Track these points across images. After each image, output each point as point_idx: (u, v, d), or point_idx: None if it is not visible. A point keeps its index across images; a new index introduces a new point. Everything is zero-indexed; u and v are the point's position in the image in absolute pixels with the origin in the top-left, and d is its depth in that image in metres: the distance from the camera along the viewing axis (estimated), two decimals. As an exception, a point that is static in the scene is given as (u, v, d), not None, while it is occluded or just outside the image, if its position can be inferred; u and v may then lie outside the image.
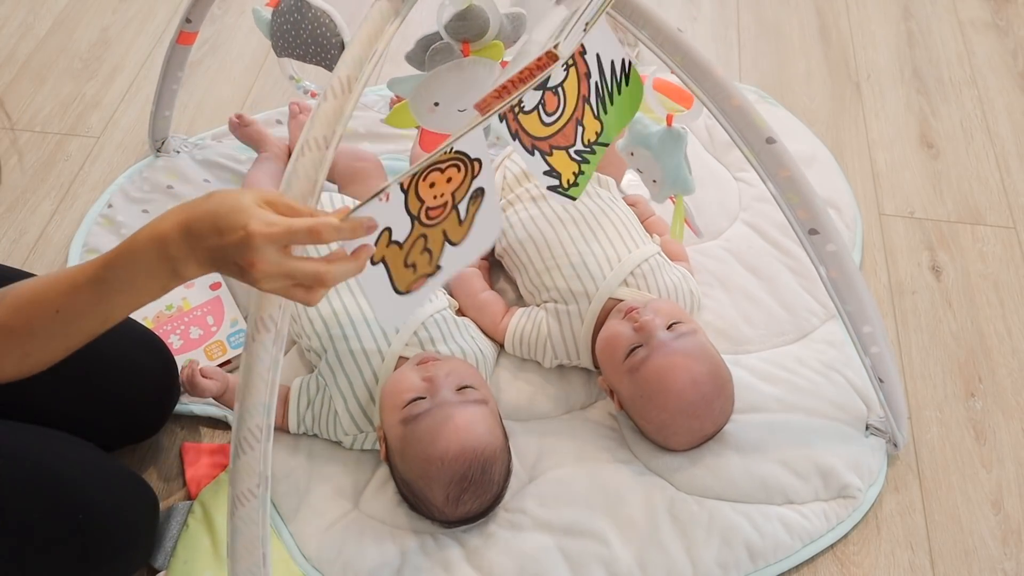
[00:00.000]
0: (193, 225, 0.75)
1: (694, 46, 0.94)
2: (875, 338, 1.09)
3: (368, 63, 0.82)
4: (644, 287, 1.24)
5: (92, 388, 1.08)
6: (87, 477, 1.00)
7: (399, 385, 1.11)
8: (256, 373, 0.81)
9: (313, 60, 1.15)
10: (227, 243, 0.73)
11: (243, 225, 0.73)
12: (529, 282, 1.30)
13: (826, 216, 1.01)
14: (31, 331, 0.81)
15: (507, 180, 1.37)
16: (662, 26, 0.94)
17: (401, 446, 1.10)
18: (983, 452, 1.25)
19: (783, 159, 0.97)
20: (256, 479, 0.82)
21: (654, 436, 1.19)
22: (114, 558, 1.01)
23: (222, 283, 1.37)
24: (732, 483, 1.16)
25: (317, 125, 0.80)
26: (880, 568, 1.14)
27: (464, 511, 1.09)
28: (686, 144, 1.10)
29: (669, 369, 1.13)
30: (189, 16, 1.33)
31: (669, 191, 1.13)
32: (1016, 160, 1.63)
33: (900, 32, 1.89)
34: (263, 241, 0.73)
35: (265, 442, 0.82)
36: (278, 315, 0.80)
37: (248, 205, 0.74)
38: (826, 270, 1.03)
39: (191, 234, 0.75)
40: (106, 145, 1.63)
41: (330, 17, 1.10)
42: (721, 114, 0.96)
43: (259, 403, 0.81)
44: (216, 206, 0.75)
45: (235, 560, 0.84)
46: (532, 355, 1.28)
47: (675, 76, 1.53)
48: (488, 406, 1.11)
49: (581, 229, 1.27)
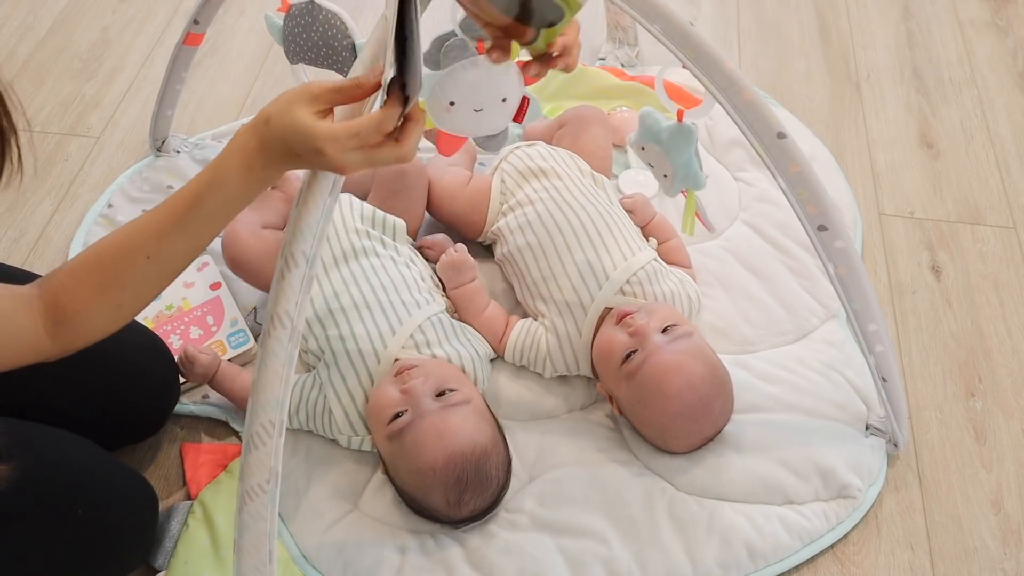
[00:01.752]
0: (269, 146, 0.80)
1: (706, 40, 0.94)
2: (880, 336, 1.09)
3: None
4: (640, 295, 1.24)
5: (93, 387, 1.08)
6: (87, 472, 1.00)
7: (379, 402, 1.11)
8: (271, 369, 0.81)
9: (325, 64, 1.15)
10: (308, 163, 0.80)
11: (317, 149, 0.77)
12: (526, 290, 1.30)
13: (835, 212, 1.01)
14: (123, 283, 0.85)
15: (506, 183, 1.37)
16: (673, 20, 0.94)
17: (392, 461, 1.11)
18: (983, 452, 1.25)
19: (793, 154, 0.97)
20: (267, 474, 0.82)
21: (654, 440, 1.19)
22: (114, 553, 1.01)
23: (222, 283, 1.37)
24: (732, 483, 1.16)
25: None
26: (880, 568, 1.14)
27: (470, 510, 1.10)
28: (696, 139, 1.10)
29: (665, 372, 1.13)
30: (197, 18, 1.33)
31: (681, 186, 1.13)
32: (1016, 160, 1.63)
33: (900, 32, 1.89)
34: (340, 154, 0.77)
35: (277, 438, 0.82)
36: (294, 311, 0.81)
37: (308, 124, 0.77)
38: (834, 267, 1.03)
39: (270, 152, 0.80)
40: (106, 145, 1.64)
41: (340, 19, 1.11)
42: (732, 108, 0.96)
43: (273, 399, 0.81)
44: (282, 131, 0.79)
45: (241, 556, 0.84)
46: (532, 369, 1.28)
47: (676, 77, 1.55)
48: (471, 404, 1.11)
49: (579, 236, 1.27)
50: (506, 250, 1.33)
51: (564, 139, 1.45)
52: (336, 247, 1.26)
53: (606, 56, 1.75)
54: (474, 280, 1.29)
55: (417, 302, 1.22)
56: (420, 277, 1.28)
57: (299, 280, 0.81)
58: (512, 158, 1.39)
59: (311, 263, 0.82)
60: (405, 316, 1.20)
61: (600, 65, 1.73)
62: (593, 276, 1.24)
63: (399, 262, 1.28)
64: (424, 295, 1.25)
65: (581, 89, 1.66)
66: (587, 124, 1.45)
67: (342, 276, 1.24)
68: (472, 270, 1.29)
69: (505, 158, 1.40)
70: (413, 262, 1.31)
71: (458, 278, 1.28)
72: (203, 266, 1.39)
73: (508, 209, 1.35)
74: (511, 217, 1.34)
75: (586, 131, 1.44)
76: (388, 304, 1.21)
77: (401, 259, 1.29)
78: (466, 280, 1.29)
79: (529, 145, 1.41)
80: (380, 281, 1.23)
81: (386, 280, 1.24)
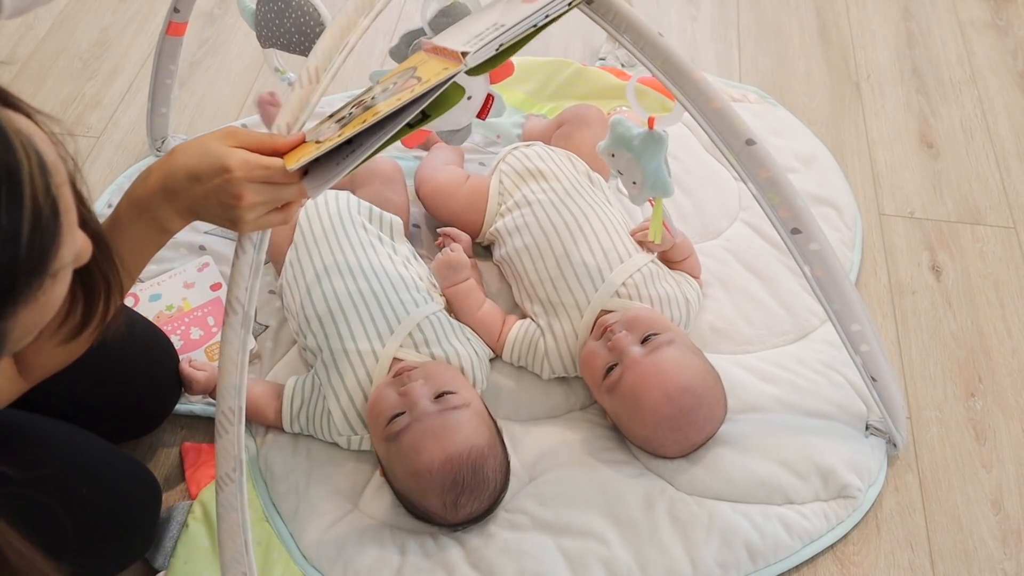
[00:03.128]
0: (168, 183, 0.79)
1: (675, 50, 0.95)
2: (864, 336, 1.09)
3: (339, 55, 0.83)
4: (637, 297, 1.24)
5: (94, 380, 1.08)
6: (90, 456, 1.01)
7: (378, 405, 1.11)
8: (226, 355, 0.83)
9: (297, 50, 1.16)
10: (209, 188, 0.77)
11: (223, 167, 0.76)
12: (524, 291, 1.30)
13: (808, 215, 1.01)
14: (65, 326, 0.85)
15: (504, 184, 1.37)
16: (643, 31, 0.95)
17: (389, 464, 1.11)
18: (983, 452, 1.25)
19: (763, 160, 0.98)
20: (232, 463, 0.83)
21: (644, 448, 1.20)
22: (118, 537, 1.01)
23: (222, 284, 1.37)
24: (732, 483, 1.16)
25: (285, 113, 0.82)
26: (880, 568, 1.14)
27: (466, 513, 1.10)
28: (666, 147, 1.11)
29: (641, 387, 1.13)
30: (177, 6, 1.33)
31: (649, 193, 1.14)
32: (1016, 160, 1.63)
33: (900, 32, 1.89)
34: (245, 178, 0.76)
35: (238, 424, 0.84)
36: (244, 297, 0.83)
37: (220, 148, 0.77)
38: (810, 268, 1.04)
39: (169, 192, 0.79)
40: (106, 145, 1.64)
41: (314, 6, 1.12)
42: (701, 117, 0.97)
43: (230, 385, 0.83)
44: (187, 159, 0.78)
45: (222, 548, 0.85)
46: (530, 369, 1.28)
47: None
48: (470, 407, 1.11)
49: (576, 238, 1.27)
50: (504, 252, 1.33)
51: (563, 138, 1.45)
52: (333, 240, 1.26)
53: (606, 56, 1.75)
54: (468, 280, 1.29)
55: (415, 301, 1.23)
56: (419, 276, 1.28)
57: (247, 266, 0.83)
58: (510, 159, 1.39)
59: (258, 250, 0.83)
60: (403, 315, 1.20)
61: (600, 65, 1.73)
62: (589, 278, 1.24)
63: (397, 261, 1.28)
64: (422, 294, 1.25)
65: (581, 89, 1.66)
66: (585, 123, 1.45)
67: (340, 273, 1.24)
68: (466, 269, 1.29)
69: (503, 159, 1.40)
70: (411, 261, 1.31)
71: (453, 277, 1.29)
72: (203, 267, 1.39)
73: (506, 210, 1.35)
74: (509, 218, 1.34)
75: (584, 130, 1.44)
76: (387, 302, 1.21)
77: (399, 258, 1.29)
78: (460, 279, 1.29)
79: (527, 146, 1.41)
80: (379, 279, 1.23)
81: (384, 278, 1.24)
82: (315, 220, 1.29)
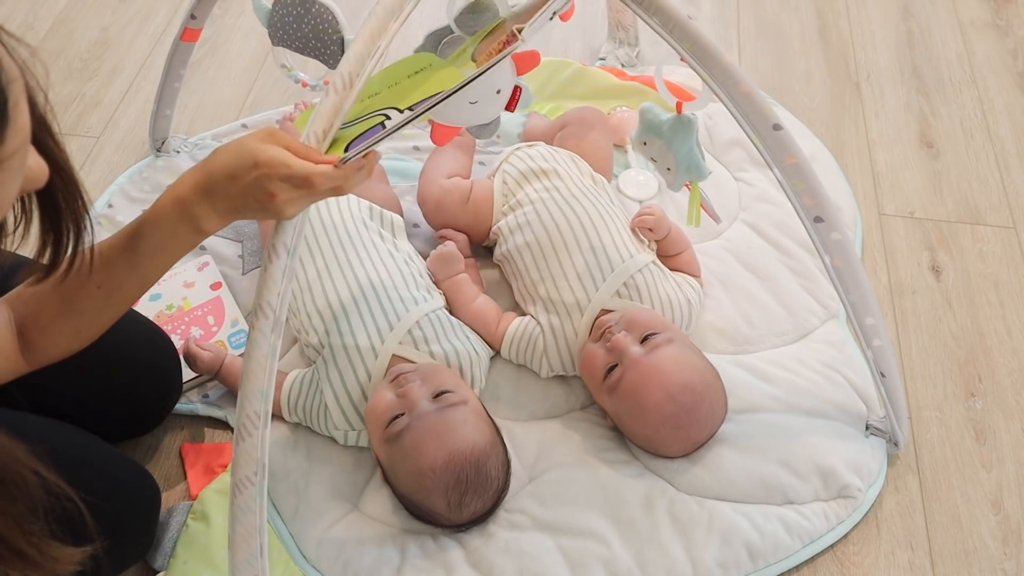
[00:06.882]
0: (209, 182, 0.80)
1: (704, 33, 0.95)
2: (878, 331, 1.09)
3: (371, 59, 0.83)
4: (636, 298, 1.24)
5: (94, 380, 1.08)
6: (89, 456, 1.01)
7: (377, 407, 1.11)
8: (254, 360, 0.83)
9: (311, 54, 1.16)
10: (244, 186, 0.78)
11: (253, 163, 0.77)
12: (524, 289, 1.30)
13: (831, 204, 1.02)
14: (79, 310, 0.86)
15: (507, 184, 1.37)
16: (672, 13, 0.95)
17: (391, 465, 1.11)
18: (983, 452, 1.25)
19: (789, 146, 0.98)
20: (254, 466, 0.83)
21: (645, 448, 1.20)
22: (117, 538, 1.01)
23: (222, 283, 1.37)
24: (732, 483, 1.16)
25: (319, 119, 0.82)
26: (880, 568, 1.14)
27: (470, 512, 1.10)
28: (697, 130, 1.11)
29: (642, 386, 1.13)
30: (194, 12, 1.33)
31: (684, 178, 1.13)
32: (1016, 160, 1.63)
33: (900, 32, 1.89)
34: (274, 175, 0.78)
35: (263, 428, 0.83)
36: (276, 302, 0.83)
37: (255, 146, 0.78)
38: (830, 258, 1.04)
39: (209, 192, 0.81)
40: (106, 145, 1.64)
41: (333, 14, 1.12)
42: (729, 100, 0.97)
43: (257, 390, 0.83)
44: (225, 157, 0.80)
45: (234, 550, 0.84)
46: (529, 366, 1.28)
47: (675, 76, 1.55)
48: (469, 405, 1.11)
49: (577, 237, 1.27)
50: (505, 249, 1.33)
51: (565, 141, 1.45)
52: (335, 237, 1.26)
53: (606, 56, 1.75)
54: (461, 273, 1.30)
55: (415, 298, 1.23)
56: (419, 274, 1.28)
57: (280, 271, 0.83)
58: (513, 159, 1.39)
59: (292, 254, 0.84)
60: (403, 312, 1.20)
61: (600, 65, 1.73)
62: (590, 277, 1.24)
63: (397, 258, 1.28)
64: (423, 292, 1.25)
65: (581, 89, 1.66)
66: (588, 127, 1.45)
67: (342, 269, 1.24)
68: (460, 263, 1.30)
69: (506, 159, 1.40)
70: (411, 259, 1.31)
71: (447, 270, 1.30)
72: (203, 266, 1.39)
73: (508, 209, 1.35)
74: (511, 217, 1.34)
75: (587, 134, 1.43)
76: (387, 299, 1.21)
77: (399, 255, 1.29)
78: (454, 272, 1.30)
79: (530, 146, 1.41)
80: (379, 276, 1.24)
81: (385, 275, 1.24)
82: (315, 218, 1.30)
